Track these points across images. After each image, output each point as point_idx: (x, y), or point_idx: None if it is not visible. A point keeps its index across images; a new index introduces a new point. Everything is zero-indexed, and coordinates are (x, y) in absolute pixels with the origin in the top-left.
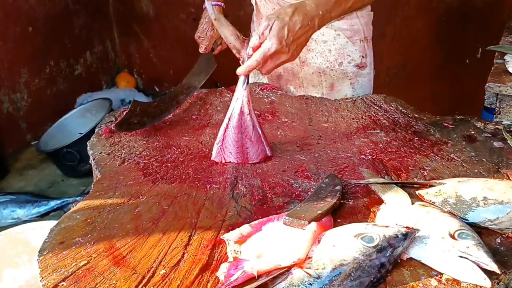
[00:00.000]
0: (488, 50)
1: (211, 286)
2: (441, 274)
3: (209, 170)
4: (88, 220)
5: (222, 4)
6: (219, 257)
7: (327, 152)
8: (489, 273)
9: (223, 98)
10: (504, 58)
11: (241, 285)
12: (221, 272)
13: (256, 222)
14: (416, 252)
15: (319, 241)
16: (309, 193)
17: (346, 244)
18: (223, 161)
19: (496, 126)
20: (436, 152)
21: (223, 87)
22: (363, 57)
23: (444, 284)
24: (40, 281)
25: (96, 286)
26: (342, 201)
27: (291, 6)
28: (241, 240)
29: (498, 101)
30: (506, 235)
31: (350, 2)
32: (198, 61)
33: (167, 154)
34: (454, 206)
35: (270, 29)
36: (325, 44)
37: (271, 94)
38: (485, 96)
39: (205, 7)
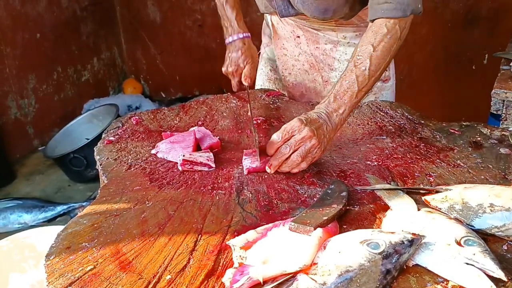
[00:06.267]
0: (494, 57)
1: None
2: (447, 281)
3: (215, 176)
4: (95, 225)
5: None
6: (224, 262)
7: (332, 158)
8: (495, 280)
9: (229, 104)
10: (511, 64)
11: None
12: (227, 278)
13: (261, 228)
14: (422, 258)
15: (324, 247)
16: (315, 199)
17: (352, 250)
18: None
19: (503, 133)
20: (442, 158)
21: (229, 93)
22: (386, 70)
23: None
24: (47, 285)
25: None
26: (348, 207)
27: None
28: (247, 246)
29: (504, 107)
30: None
31: (366, 83)
32: None
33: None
34: (461, 213)
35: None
36: None
37: (277, 100)
38: (491, 103)
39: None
